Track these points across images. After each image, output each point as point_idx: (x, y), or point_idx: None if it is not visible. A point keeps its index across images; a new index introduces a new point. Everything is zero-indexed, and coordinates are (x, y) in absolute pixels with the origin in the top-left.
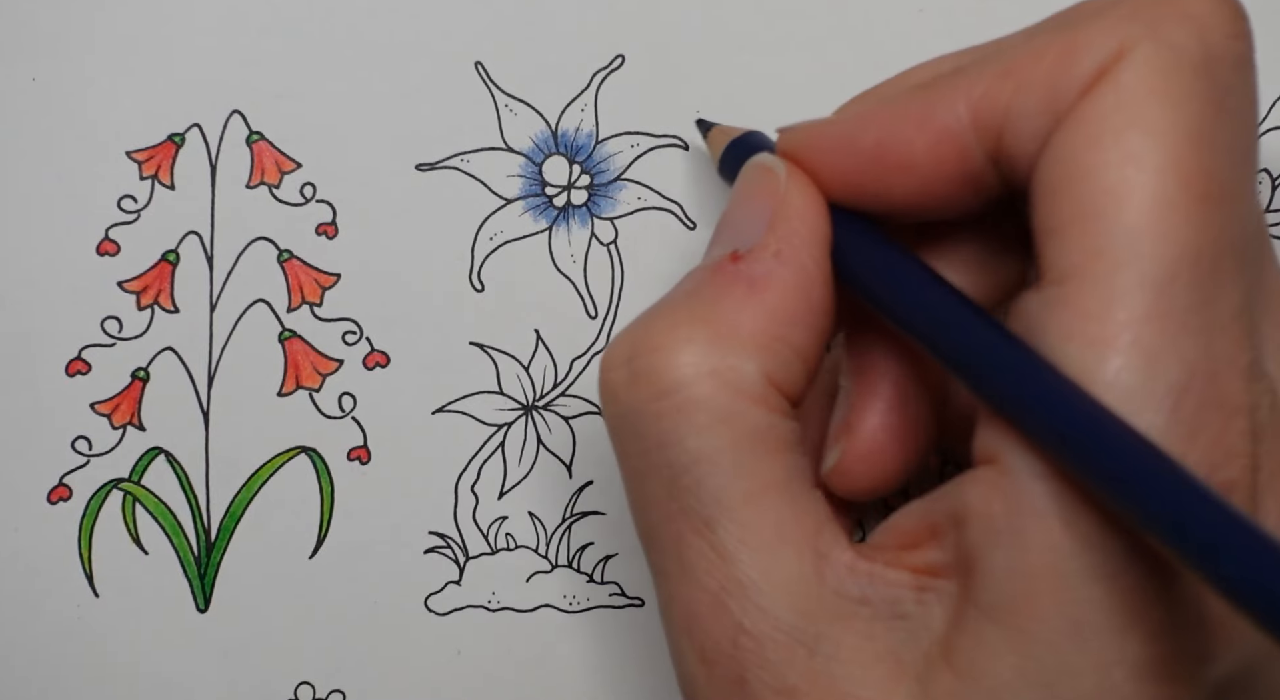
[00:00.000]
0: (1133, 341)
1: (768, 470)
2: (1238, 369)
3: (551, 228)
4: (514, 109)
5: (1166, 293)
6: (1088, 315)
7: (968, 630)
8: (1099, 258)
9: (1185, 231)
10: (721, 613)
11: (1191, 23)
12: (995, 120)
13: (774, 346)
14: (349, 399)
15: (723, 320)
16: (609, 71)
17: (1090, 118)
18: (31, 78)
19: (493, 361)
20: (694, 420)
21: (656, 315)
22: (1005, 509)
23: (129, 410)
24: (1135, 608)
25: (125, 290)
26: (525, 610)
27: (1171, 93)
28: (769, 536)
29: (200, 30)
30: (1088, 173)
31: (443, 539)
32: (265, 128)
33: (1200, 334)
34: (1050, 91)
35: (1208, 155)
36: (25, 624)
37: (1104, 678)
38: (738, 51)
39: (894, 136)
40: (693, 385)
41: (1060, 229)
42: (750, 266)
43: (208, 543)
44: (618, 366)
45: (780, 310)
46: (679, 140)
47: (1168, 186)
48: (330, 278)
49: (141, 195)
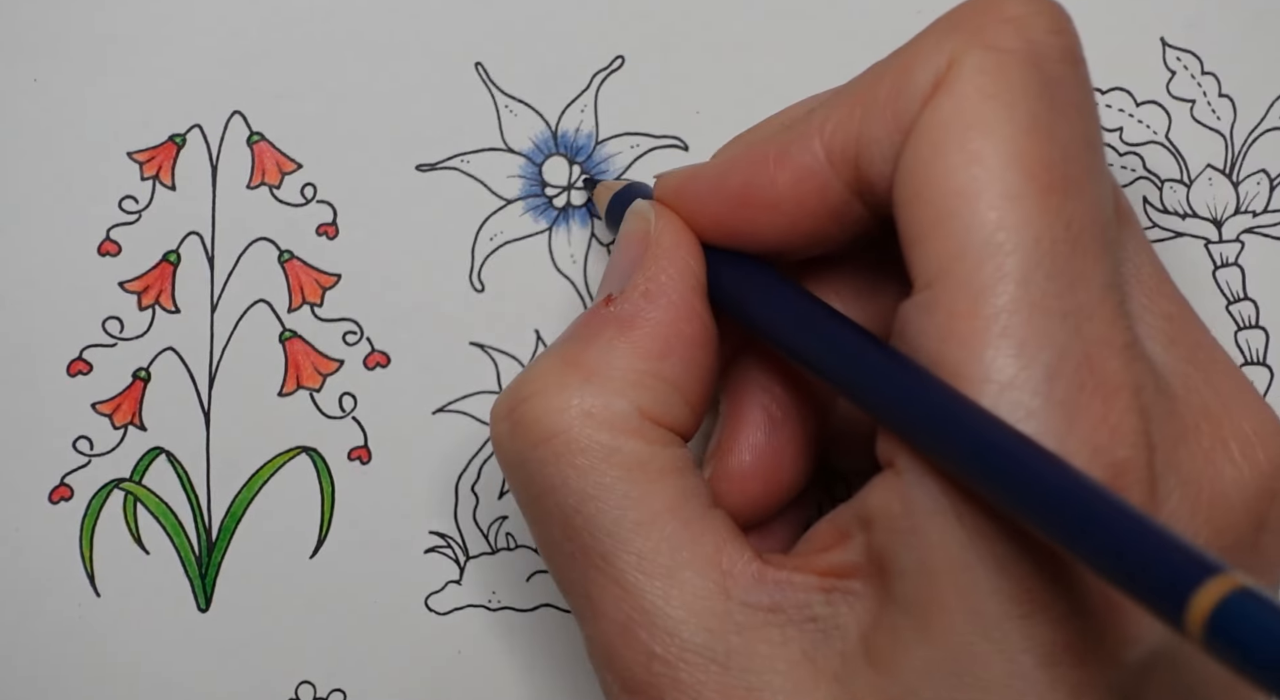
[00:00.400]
0: (1001, 333)
1: (656, 498)
2: (1114, 349)
3: (551, 228)
4: (514, 110)
5: (1028, 282)
6: (957, 314)
7: (885, 626)
8: (960, 258)
9: (1037, 222)
10: (633, 642)
11: (1012, 24)
12: (849, 150)
13: (645, 382)
14: (349, 399)
15: (593, 362)
16: (609, 72)
17: (932, 127)
18: (33, 78)
19: (493, 362)
20: (575, 462)
21: (535, 364)
22: (903, 510)
23: (130, 410)
24: (1037, 594)
25: (126, 290)
26: (525, 609)
27: (1003, 91)
28: (666, 561)
29: (201, 31)
30: (937, 179)
31: (443, 539)
32: (266, 128)
33: (1068, 318)
34: (893, 112)
35: (1047, 147)
36: (26, 623)
37: (1013, 664)
38: (738, 51)
39: (757, 177)
40: (569, 429)
41: (921, 237)
42: (620, 307)
43: (209, 542)
44: (501, 419)
45: (650, 348)
46: (679, 141)
47: (1014, 180)
48: (331, 278)
49: (142, 196)
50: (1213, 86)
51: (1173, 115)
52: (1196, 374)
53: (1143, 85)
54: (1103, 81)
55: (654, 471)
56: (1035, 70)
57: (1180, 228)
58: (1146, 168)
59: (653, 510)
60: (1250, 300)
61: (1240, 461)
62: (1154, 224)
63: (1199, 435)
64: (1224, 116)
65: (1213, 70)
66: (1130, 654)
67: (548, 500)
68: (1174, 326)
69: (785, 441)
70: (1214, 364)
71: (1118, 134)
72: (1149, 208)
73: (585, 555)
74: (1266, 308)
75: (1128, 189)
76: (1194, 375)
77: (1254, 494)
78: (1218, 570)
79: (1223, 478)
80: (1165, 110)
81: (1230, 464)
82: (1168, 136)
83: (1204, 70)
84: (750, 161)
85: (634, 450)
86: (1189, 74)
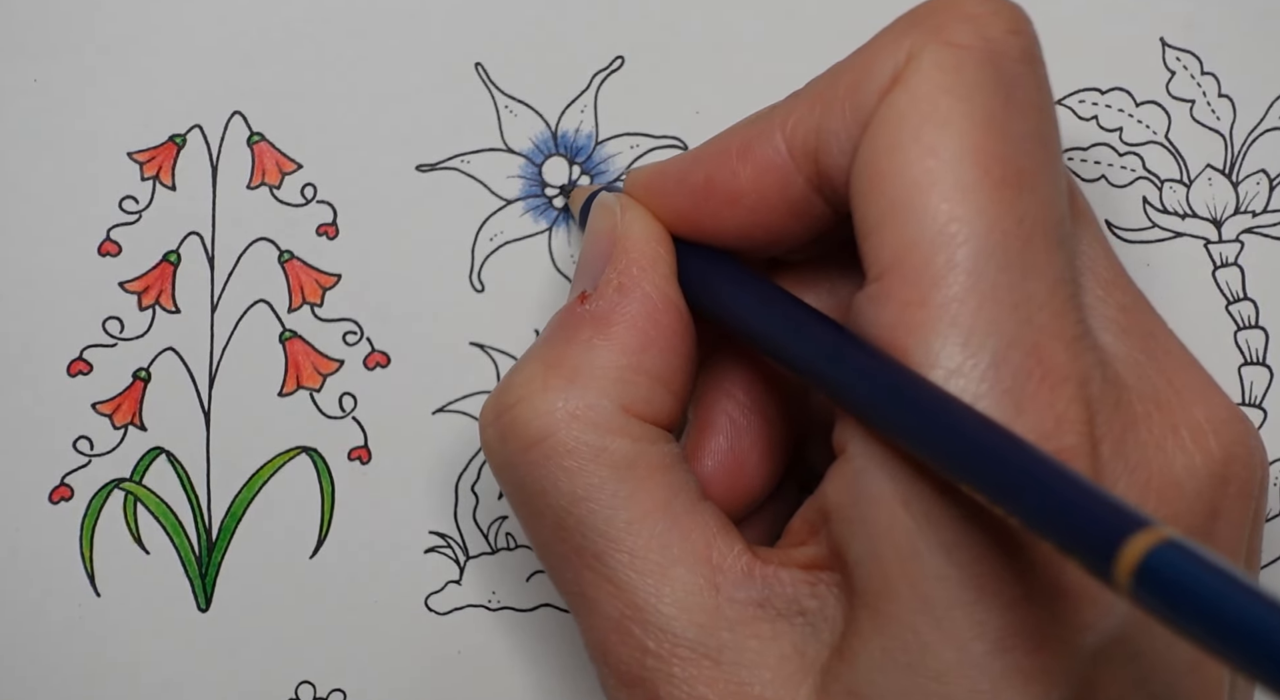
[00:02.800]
0: (951, 322)
1: (645, 496)
2: (1063, 340)
3: (551, 228)
4: (514, 110)
5: (978, 273)
6: (907, 303)
7: (849, 618)
8: (912, 248)
9: (989, 215)
10: (627, 638)
11: (971, 22)
12: (809, 144)
13: (628, 378)
14: (349, 399)
15: (575, 362)
16: (609, 72)
17: (889, 119)
18: (33, 79)
19: (493, 362)
20: (563, 464)
21: (518, 368)
22: (852, 498)
23: (130, 410)
24: (986, 580)
25: (126, 291)
26: (525, 609)
27: (959, 86)
28: (657, 559)
29: (201, 31)
30: (891, 170)
31: (443, 538)
32: (266, 129)
33: (1017, 309)
34: (852, 105)
35: (1001, 142)
36: (26, 623)
37: (963, 652)
38: (738, 52)
39: (721, 170)
40: (556, 432)
41: (875, 228)
42: (595, 304)
43: (209, 542)
44: (489, 424)
45: (629, 343)
46: (679, 141)
47: (967, 173)
48: (331, 278)
49: (143, 196)
50: (1212, 86)
51: (1172, 115)
52: (1149, 363)
53: (1142, 85)
54: (1103, 81)
55: (642, 469)
56: (992, 67)
57: (1180, 228)
58: (1146, 168)
59: (643, 508)
60: (1250, 300)
61: (1192, 449)
62: (1154, 224)
63: (1149, 423)
64: (1224, 117)
65: (1212, 70)
66: (1084, 641)
67: (539, 503)
68: (1128, 317)
69: (749, 446)
70: (1168, 354)
71: (1117, 134)
72: (1149, 208)
73: (579, 555)
74: (1266, 308)
75: (1127, 189)
76: (1147, 364)
77: (1206, 481)
78: (1146, 524)
79: (1174, 466)
80: (1165, 110)
81: (1181, 452)
82: (1167, 136)
83: (1204, 70)
84: (714, 155)
85: (621, 449)
86: (1189, 74)
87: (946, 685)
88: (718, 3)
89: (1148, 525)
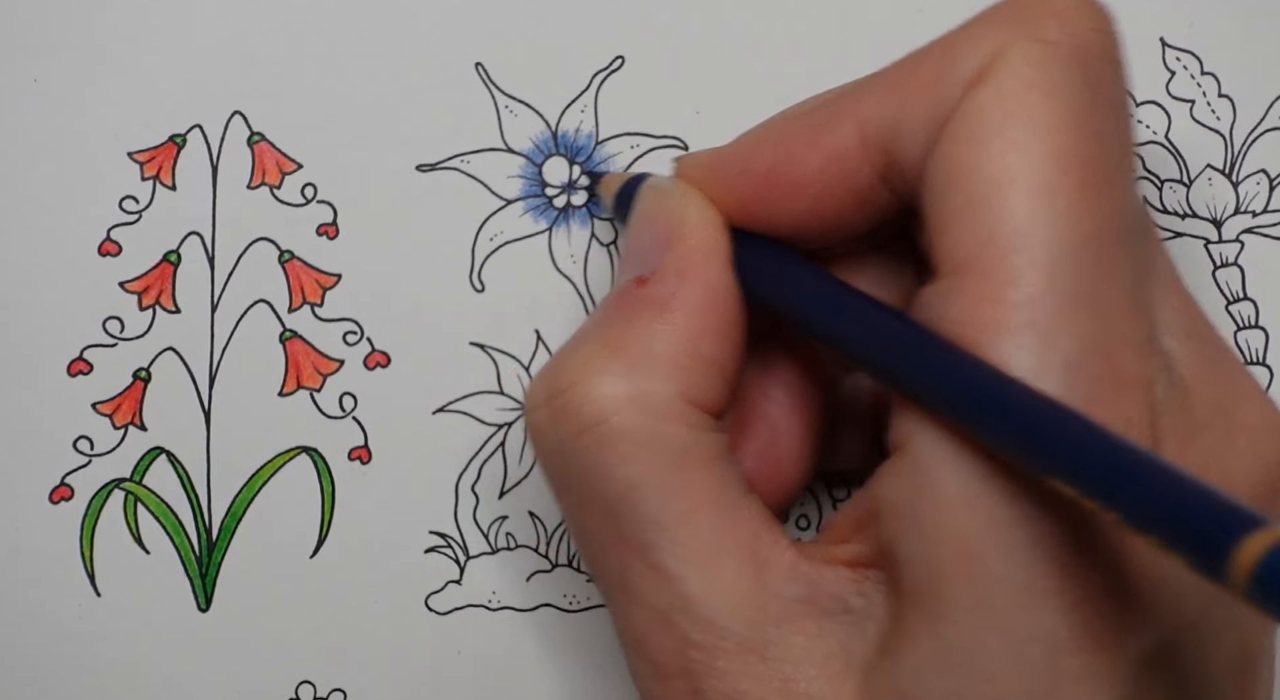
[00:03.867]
0: (1027, 322)
1: (698, 487)
2: (1132, 345)
3: (552, 228)
4: (514, 110)
5: (1057, 274)
6: (982, 300)
7: (895, 617)
8: (989, 245)
9: (1072, 214)
10: (670, 630)
11: (1060, 19)
12: (883, 135)
13: (688, 365)
14: (350, 399)
15: (635, 346)
16: (609, 72)
17: (971, 114)
18: (33, 79)
19: (493, 361)
20: (619, 449)
21: (572, 350)
22: (911, 495)
23: (130, 410)
24: (1046, 583)
25: (127, 290)
26: (526, 609)
27: (1048, 84)
28: (707, 551)
29: (201, 31)
30: (973, 165)
31: (443, 538)
32: (266, 128)
33: (1093, 312)
34: (933, 99)
35: (1086, 142)
36: (26, 623)
37: (1019, 655)
38: (738, 51)
39: (785, 158)
40: (613, 415)
41: (950, 222)
42: (655, 289)
43: (209, 542)
44: (540, 406)
45: (690, 328)
46: (679, 141)
47: (1050, 172)
48: (331, 278)
49: (143, 196)
50: (1212, 87)
51: (1172, 115)
52: (1206, 366)
53: (1142, 85)
54: None
55: (696, 459)
56: (1079, 66)
57: (1180, 228)
58: (1146, 168)
59: (695, 499)
60: (1250, 300)
61: (1248, 454)
62: (1154, 224)
63: (1210, 429)
64: (1224, 117)
65: (1212, 70)
66: (1134, 643)
67: (589, 488)
68: (1184, 320)
69: (788, 444)
70: (1222, 358)
71: None
72: (1149, 208)
73: (625, 543)
74: (1266, 308)
75: None
76: (1204, 368)
77: (1260, 487)
78: (1263, 523)
79: (1230, 471)
80: (1165, 110)
81: (1238, 457)
82: (1167, 136)
83: (1204, 70)
84: (778, 142)
85: (678, 437)
86: (1189, 74)
87: (998, 687)
88: (718, 3)
89: (1264, 524)
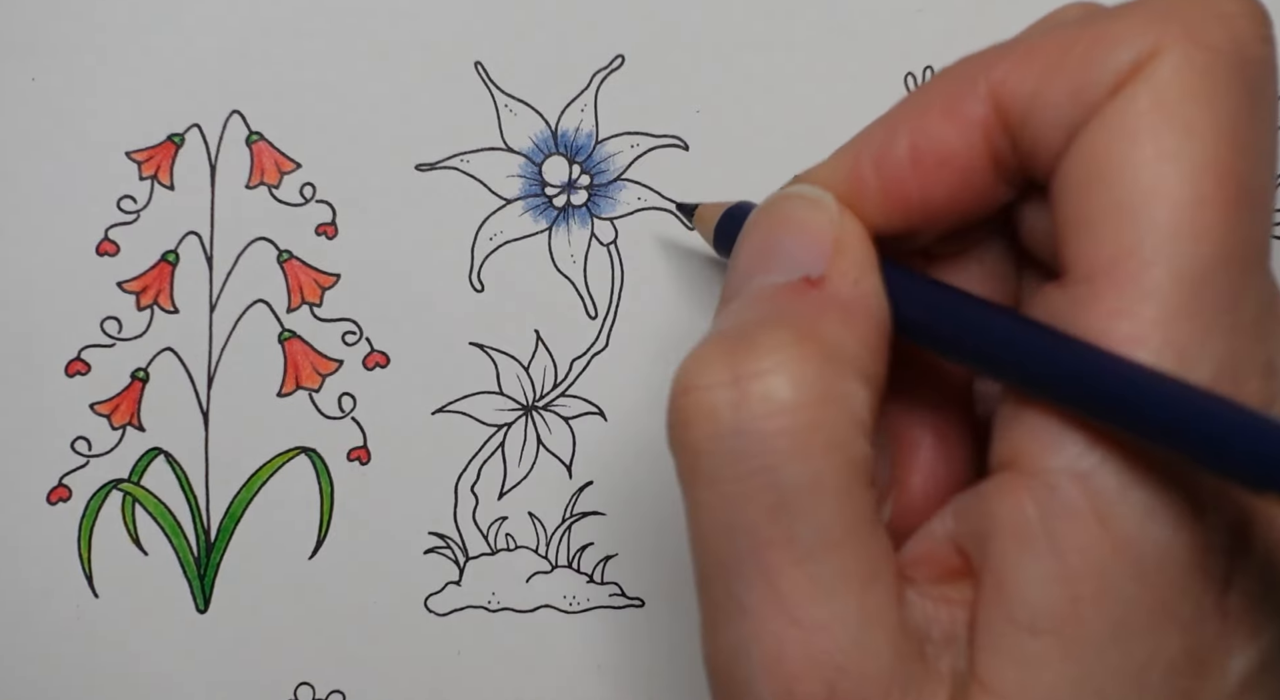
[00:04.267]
0: (1165, 340)
1: (866, 503)
2: (1257, 366)
3: (551, 228)
4: (514, 109)
5: (1198, 292)
6: (1119, 312)
7: (1001, 647)
8: (1131, 254)
9: (1218, 232)
10: (815, 651)
11: (1225, 24)
12: (1018, 104)
13: (869, 373)
14: (349, 399)
15: (829, 342)
16: (609, 71)
17: (1126, 113)
18: (31, 78)
19: (492, 362)
20: (810, 443)
21: (750, 335)
22: (1038, 512)
23: (129, 411)
24: (1168, 604)
25: (125, 290)
26: (525, 611)
27: (1209, 93)
28: (865, 572)
29: (200, 30)
30: (1122, 168)
31: (443, 539)
32: (265, 128)
33: (1228, 334)
34: (1079, 82)
35: (1240, 158)
36: (25, 624)
37: (1138, 677)
38: (738, 51)
39: (925, 135)
40: (811, 407)
41: (1090, 224)
42: (838, 291)
43: (207, 543)
44: (721, 385)
45: (869, 338)
46: (679, 140)
47: (1204, 186)
48: (330, 278)
49: (141, 195)
50: None
51: None
52: None
53: None
54: None
55: (867, 474)
56: (1241, 76)
57: None
58: None
59: (863, 515)
60: None
61: None
62: None
63: None
64: None
65: None
66: (1235, 665)
67: (760, 479)
68: None
69: (954, 466)
70: None
71: None
72: None
73: (787, 547)
74: None
75: None
76: None
77: None
78: None
79: None
80: None
81: None
82: None
83: None
84: (914, 120)
85: (862, 447)
86: None
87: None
88: (718, 3)
89: None
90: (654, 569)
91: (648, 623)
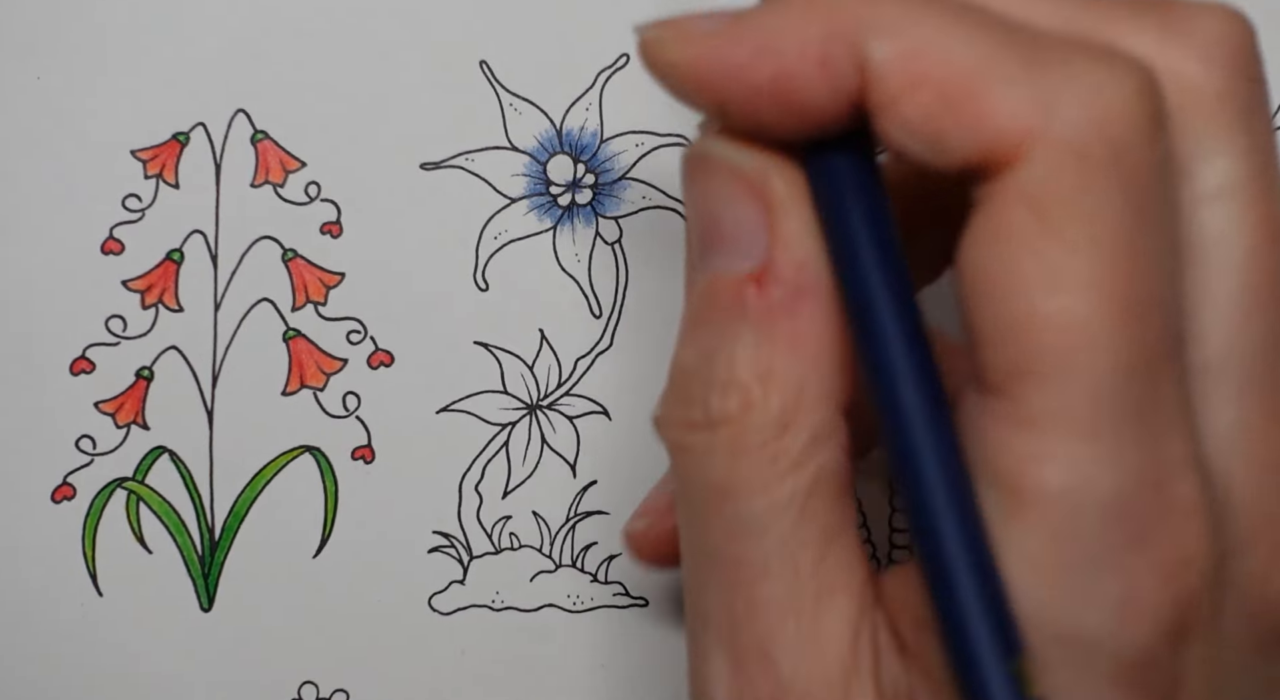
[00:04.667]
0: (1071, 457)
1: (827, 517)
2: (1186, 467)
3: (556, 227)
4: (518, 108)
5: (1101, 406)
6: (1021, 428)
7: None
8: (1028, 374)
9: (1115, 344)
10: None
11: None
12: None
13: (829, 385)
14: (353, 398)
15: (782, 377)
16: (614, 70)
17: (1003, 222)
18: (36, 76)
19: (497, 361)
20: (768, 476)
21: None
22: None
23: (133, 409)
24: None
25: (129, 289)
26: (529, 610)
27: (1086, 209)
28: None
29: (205, 29)
30: (1009, 288)
31: (446, 538)
32: (270, 127)
33: (1142, 442)
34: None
35: (1130, 264)
36: (28, 622)
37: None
38: None
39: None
40: (770, 444)
41: (987, 339)
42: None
43: (211, 542)
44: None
45: (823, 335)
46: (684, 139)
47: (1093, 304)
48: (334, 277)
49: (146, 194)
50: None
51: None
52: (1269, 477)
53: None
54: None
55: (830, 485)
56: (1117, 182)
57: None
58: None
59: (822, 532)
60: None
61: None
62: None
63: (1255, 545)
64: None
65: None
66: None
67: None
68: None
69: None
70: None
71: None
72: None
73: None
74: None
75: None
76: (1267, 479)
77: None
78: None
79: (1274, 586)
80: None
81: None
82: None
83: None
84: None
85: (822, 461)
86: None
87: None
88: (719, 3)
89: None
90: None
91: (652, 622)
